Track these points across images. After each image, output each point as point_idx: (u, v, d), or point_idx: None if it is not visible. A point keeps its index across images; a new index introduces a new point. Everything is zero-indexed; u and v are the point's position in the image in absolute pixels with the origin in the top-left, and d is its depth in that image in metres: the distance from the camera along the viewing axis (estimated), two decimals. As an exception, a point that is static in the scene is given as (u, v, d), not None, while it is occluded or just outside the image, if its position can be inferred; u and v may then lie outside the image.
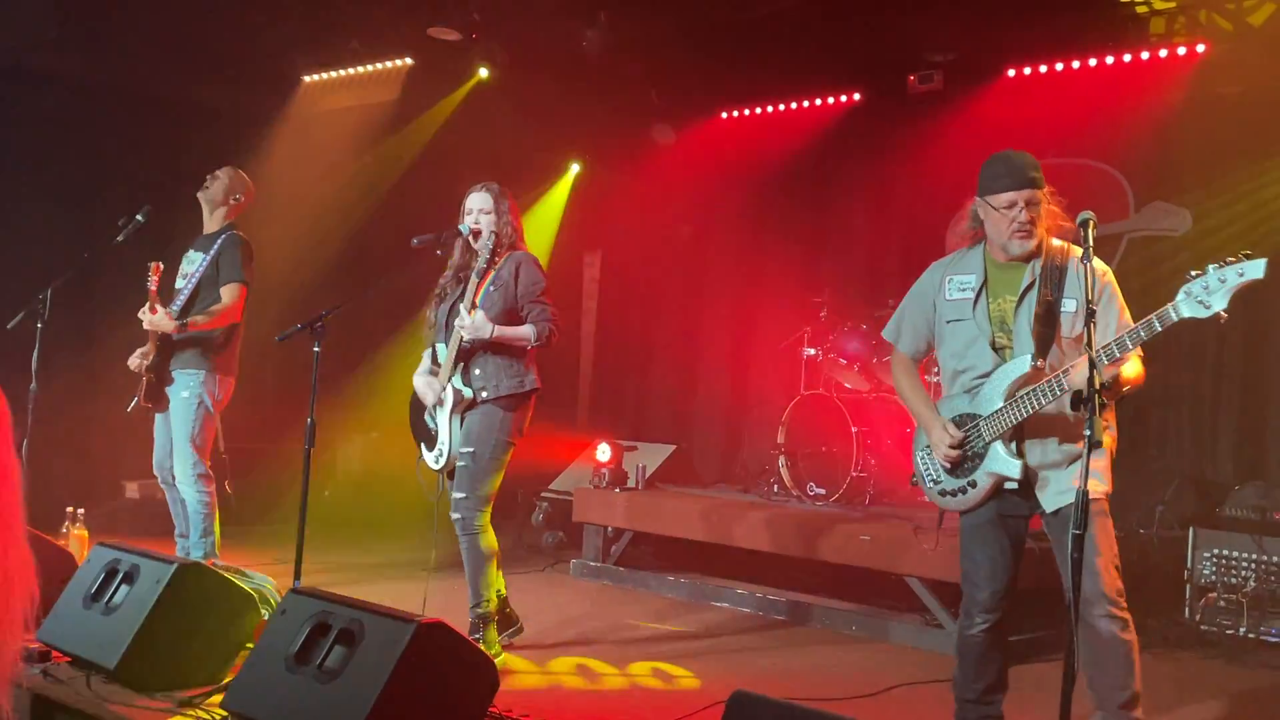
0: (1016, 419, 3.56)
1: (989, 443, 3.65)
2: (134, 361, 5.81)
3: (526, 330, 4.83)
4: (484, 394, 4.83)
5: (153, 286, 5.58)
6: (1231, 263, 3.13)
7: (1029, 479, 3.63)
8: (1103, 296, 3.58)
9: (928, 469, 3.87)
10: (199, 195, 5.95)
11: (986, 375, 3.68)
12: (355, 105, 8.94)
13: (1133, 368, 3.53)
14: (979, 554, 3.75)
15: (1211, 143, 7.24)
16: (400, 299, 8.29)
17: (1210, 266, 3.15)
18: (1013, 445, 3.63)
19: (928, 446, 3.85)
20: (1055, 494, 3.63)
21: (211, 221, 5.97)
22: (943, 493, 3.81)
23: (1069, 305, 3.61)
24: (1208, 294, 3.16)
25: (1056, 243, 3.71)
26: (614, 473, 7.39)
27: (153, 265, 5.61)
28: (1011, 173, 3.64)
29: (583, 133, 9.69)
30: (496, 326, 4.74)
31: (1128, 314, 3.62)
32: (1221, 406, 7.25)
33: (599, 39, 7.49)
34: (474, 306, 4.75)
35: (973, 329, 3.74)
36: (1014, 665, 3.93)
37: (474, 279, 4.84)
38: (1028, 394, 3.52)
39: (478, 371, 4.84)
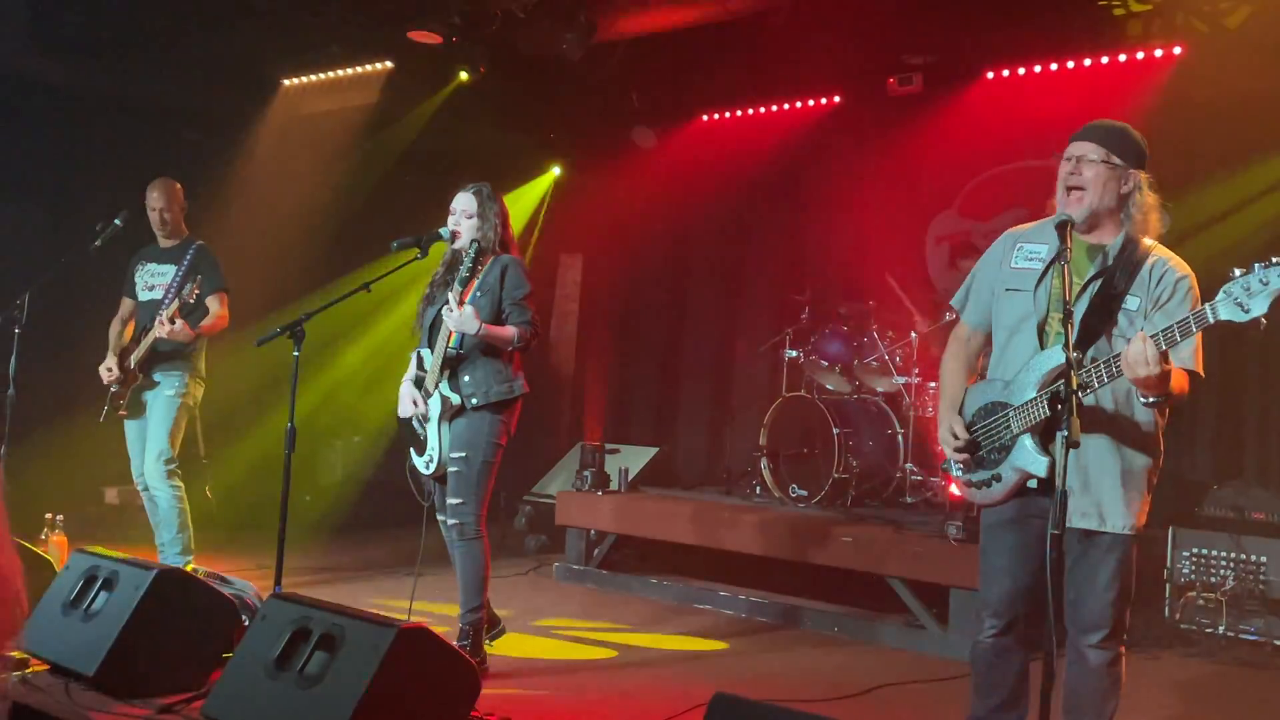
0: (1049, 412, 3.23)
1: (1017, 435, 3.34)
2: (112, 374, 5.91)
3: (509, 332, 4.77)
4: (473, 400, 4.78)
5: (191, 299, 5.73)
6: (1275, 263, 2.82)
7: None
8: (1174, 298, 3.31)
9: None
10: (157, 232, 6.09)
11: (1025, 364, 3.38)
12: (335, 109, 8.91)
13: (1177, 378, 3.16)
14: (994, 554, 3.50)
15: (1188, 144, 7.29)
16: (381, 302, 8.29)
17: (1256, 265, 2.84)
18: (1041, 440, 3.32)
19: None
20: (1076, 512, 3.31)
21: (169, 237, 6.12)
22: (969, 483, 3.53)
23: (1131, 303, 3.32)
24: (1248, 296, 2.85)
25: (1148, 241, 3.41)
26: (596, 475, 7.38)
27: (195, 281, 5.75)
28: (1085, 127, 3.41)
29: (563, 135, 9.67)
30: (484, 324, 4.68)
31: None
32: (1199, 406, 7.27)
33: (579, 42, 7.47)
34: (461, 303, 4.66)
35: (1027, 304, 3.43)
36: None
37: (457, 286, 4.74)
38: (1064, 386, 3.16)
39: (466, 378, 4.79)
